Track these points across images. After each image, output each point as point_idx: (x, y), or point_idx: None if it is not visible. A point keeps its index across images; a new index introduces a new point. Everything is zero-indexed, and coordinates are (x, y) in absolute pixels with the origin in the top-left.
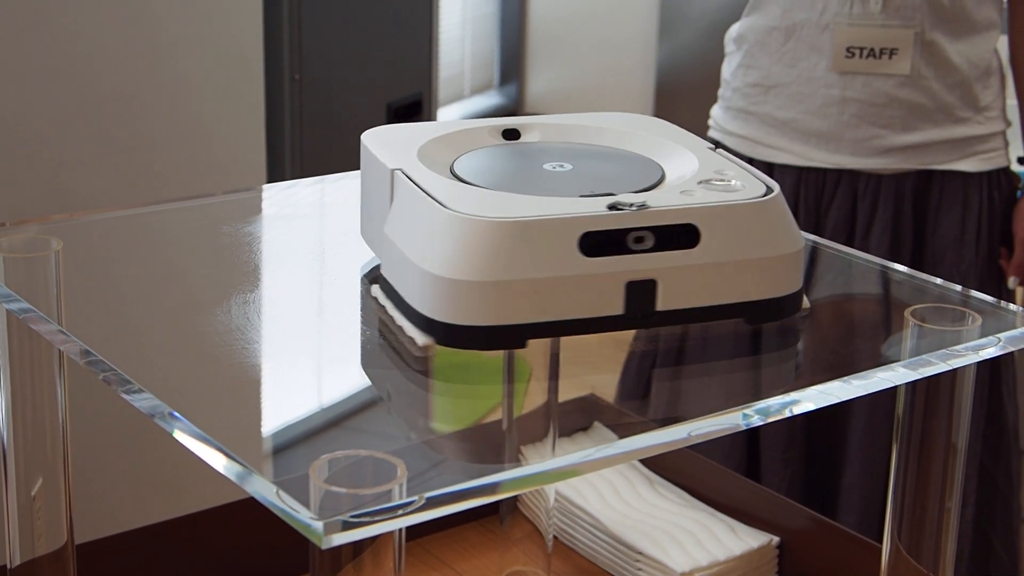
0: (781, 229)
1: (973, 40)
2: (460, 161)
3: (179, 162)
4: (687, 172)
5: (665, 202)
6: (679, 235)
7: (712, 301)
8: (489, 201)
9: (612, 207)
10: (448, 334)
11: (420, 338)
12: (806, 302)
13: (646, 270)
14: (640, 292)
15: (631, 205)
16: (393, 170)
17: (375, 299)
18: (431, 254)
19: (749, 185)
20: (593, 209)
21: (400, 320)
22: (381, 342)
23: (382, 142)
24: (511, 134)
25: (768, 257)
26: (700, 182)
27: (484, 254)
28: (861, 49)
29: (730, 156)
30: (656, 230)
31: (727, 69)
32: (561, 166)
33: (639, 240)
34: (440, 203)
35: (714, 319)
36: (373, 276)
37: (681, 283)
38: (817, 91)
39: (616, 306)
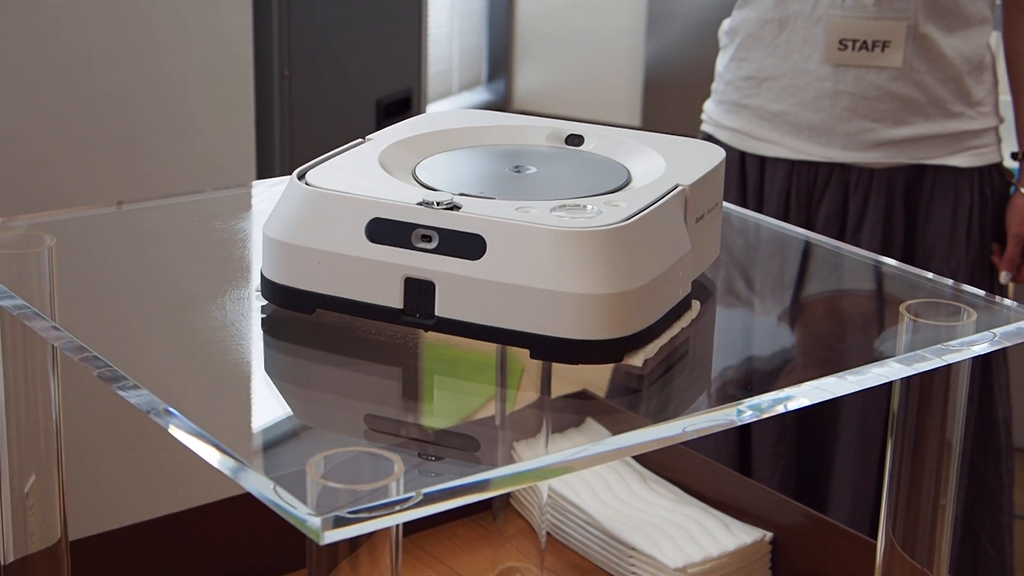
0: (591, 266)
1: (966, 34)
2: (435, 155)
3: (169, 158)
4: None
5: (484, 211)
6: (466, 244)
7: (493, 321)
8: (349, 179)
9: (422, 202)
10: (265, 290)
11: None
12: (638, 358)
13: (424, 270)
14: (418, 291)
15: (439, 203)
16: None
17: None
18: (272, 218)
19: (610, 215)
20: (403, 198)
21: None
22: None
23: (430, 123)
24: (573, 139)
25: (561, 292)
26: (569, 205)
27: (287, 217)
28: (854, 41)
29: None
30: (443, 232)
31: (720, 63)
32: (528, 169)
33: (425, 239)
34: (302, 179)
35: (497, 341)
36: None
37: (461, 293)
38: (810, 84)
39: (396, 299)
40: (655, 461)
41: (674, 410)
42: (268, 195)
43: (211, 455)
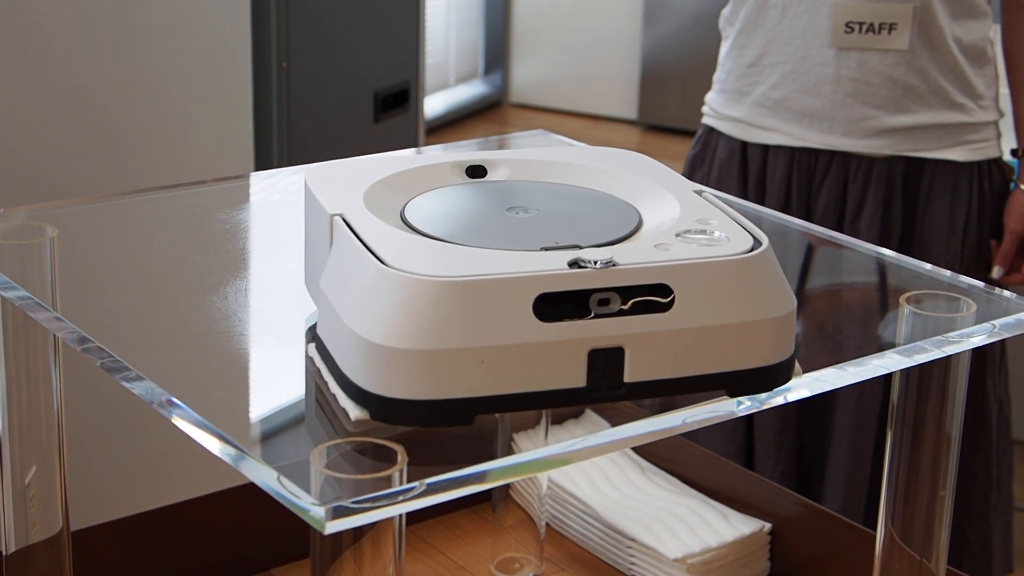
0: (769, 289)
1: (969, 24)
2: (412, 204)
3: (167, 150)
4: (666, 221)
5: (636, 258)
6: (650, 297)
7: (689, 371)
8: (433, 255)
9: (573, 263)
10: (384, 408)
11: (353, 411)
12: (798, 369)
13: (612, 336)
14: (605, 362)
15: (595, 262)
16: (333, 216)
17: (311, 359)
18: (365, 316)
19: (734, 237)
20: (551, 266)
21: (334, 388)
22: (317, 412)
23: (327, 180)
24: (476, 171)
25: (754, 321)
26: (679, 234)
27: (423, 319)
28: (860, 24)
29: (717, 201)
30: (623, 291)
31: (722, 51)
32: (525, 211)
33: (604, 303)
34: (378, 257)
35: (691, 391)
36: (312, 334)
37: (653, 351)
38: (811, 69)
39: (578, 377)
40: (654, 453)
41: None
42: (268, 187)
43: (214, 445)
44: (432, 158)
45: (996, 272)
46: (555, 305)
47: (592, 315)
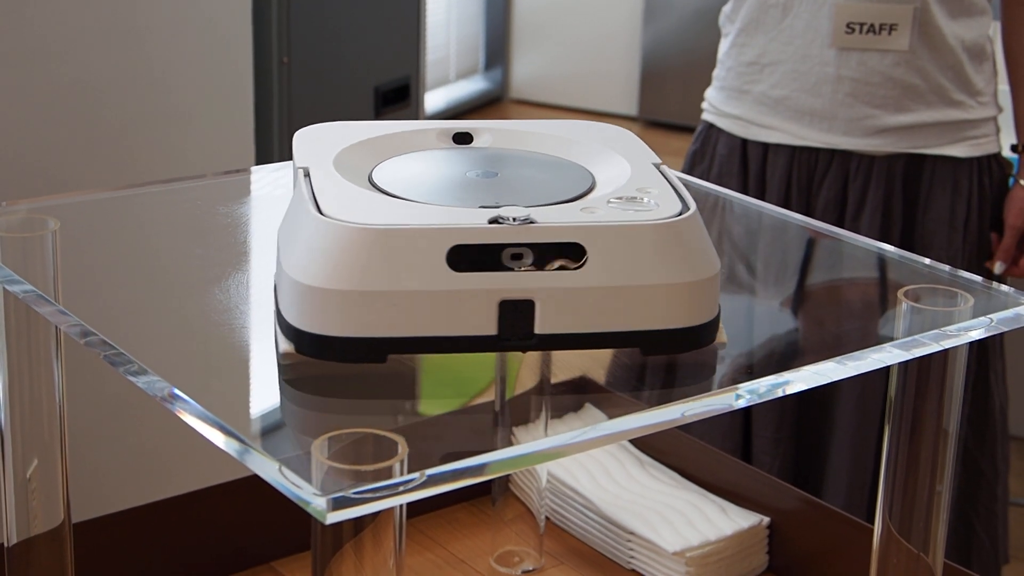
0: (685, 253)
1: (968, 22)
2: (383, 165)
3: (168, 146)
4: (616, 188)
5: (555, 218)
6: (565, 254)
7: (601, 327)
8: (366, 206)
9: (493, 220)
10: (308, 343)
11: (283, 345)
12: (723, 335)
13: (522, 289)
14: (516, 313)
15: (513, 219)
16: (298, 168)
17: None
18: (296, 257)
19: (664, 203)
20: (470, 221)
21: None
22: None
23: (312, 139)
24: (462, 138)
25: (667, 284)
26: (612, 199)
27: (343, 261)
28: (861, 24)
29: (670, 173)
30: (536, 247)
31: (721, 49)
32: (489, 175)
33: (517, 257)
34: (317, 204)
35: (603, 346)
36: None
37: (564, 306)
38: (812, 69)
39: (490, 326)
40: (653, 446)
41: (672, 394)
42: (269, 181)
43: (217, 437)
44: (420, 124)
45: (998, 267)
46: (469, 257)
47: (505, 269)
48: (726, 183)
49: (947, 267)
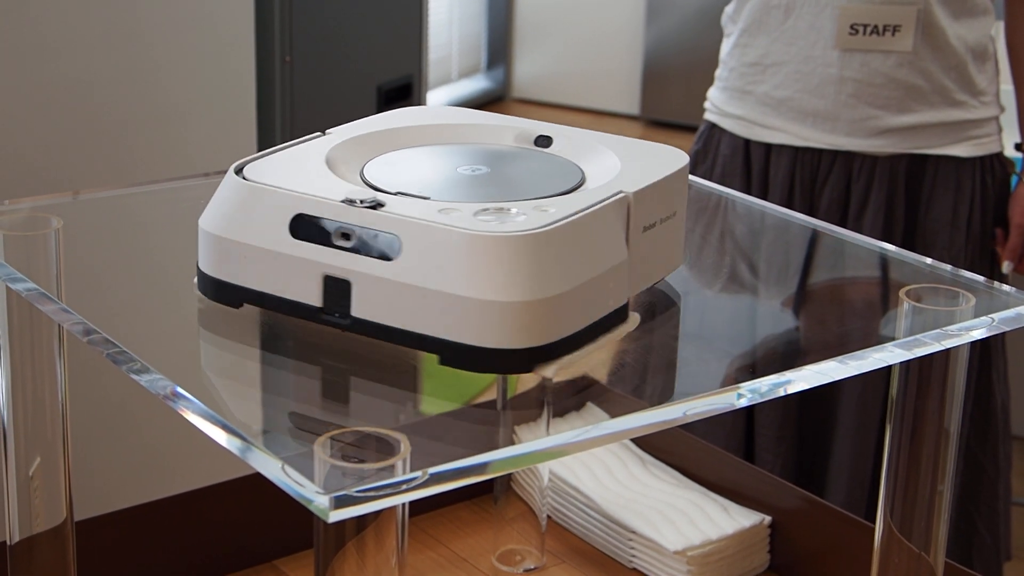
0: (502, 272)
1: (971, 23)
2: (389, 153)
3: (170, 145)
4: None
5: (400, 210)
6: (382, 244)
7: (407, 326)
8: (280, 171)
9: (346, 199)
10: (200, 282)
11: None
12: (550, 370)
13: (340, 268)
14: (336, 289)
15: (361, 201)
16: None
17: None
18: (208, 209)
19: (534, 220)
20: (329, 195)
21: None
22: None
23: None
24: (543, 141)
25: (472, 298)
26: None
27: (220, 210)
28: (865, 26)
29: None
30: (361, 231)
31: (724, 49)
32: (479, 169)
33: (345, 236)
34: (242, 169)
35: (410, 346)
36: None
37: (376, 294)
38: (815, 70)
39: (315, 298)
40: (655, 445)
41: (674, 394)
42: None
43: (219, 435)
44: (504, 120)
45: (1006, 267)
46: (308, 228)
47: (331, 246)
48: (729, 183)
49: (949, 267)
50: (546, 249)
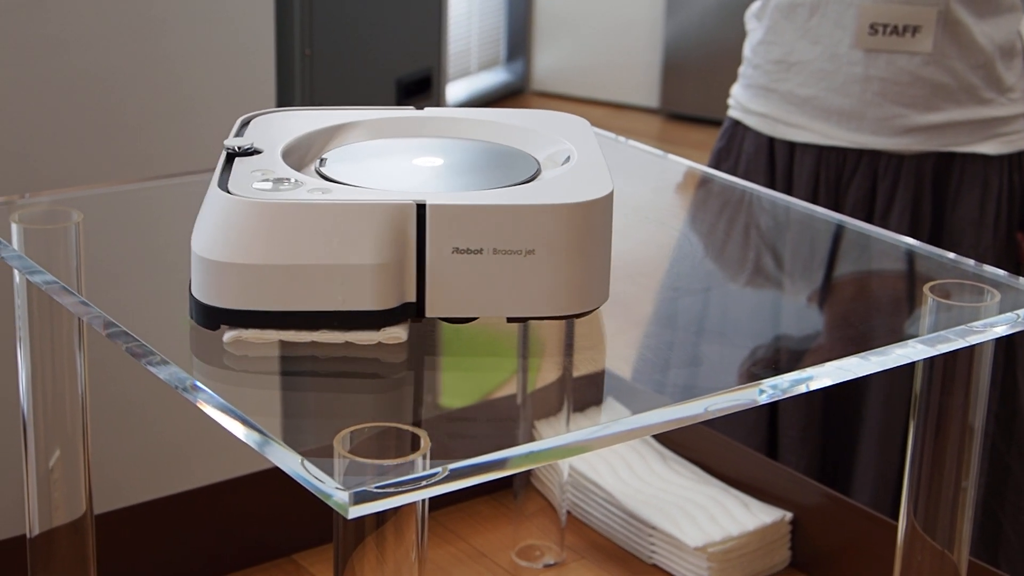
0: (231, 234)
1: (996, 20)
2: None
3: (190, 138)
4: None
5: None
6: None
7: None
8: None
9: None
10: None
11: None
12: (228, 334)
13: None
14: None
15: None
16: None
17: None
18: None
19: (289, 193)
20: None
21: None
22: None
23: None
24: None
25: (198, 256)
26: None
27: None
28: (884, 26)
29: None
30: None
31: (748, 46)
32: (434, 161)
33: None
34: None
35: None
36: None
37: None
38: (840, 68)
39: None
40: (675, 441)
41: (696, 389)
42: None
43: (239, 430)
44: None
45: None
46: None
47: None
48: (753, 181)
49: (973, 262)
50: (277, 221)
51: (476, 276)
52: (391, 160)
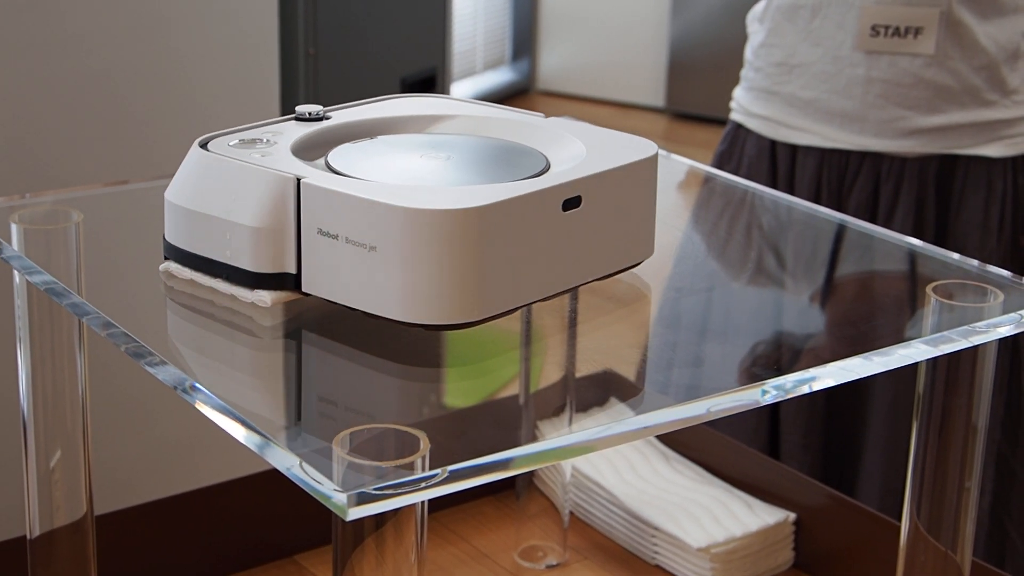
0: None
1: (1001, 22)
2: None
3: (193, 137)
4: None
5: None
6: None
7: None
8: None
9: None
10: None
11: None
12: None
13: None
14: None
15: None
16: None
17: None
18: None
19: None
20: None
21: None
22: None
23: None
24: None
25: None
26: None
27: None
28: (886, 27)
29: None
30: None
31: (749, 49)
32: (442, 157)
33: None
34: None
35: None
36: None
37: None
38: (842, 71)
39: None
40: (678, 441)
41: (699, 390)
42: None
43: (237, 431)
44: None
45: None
46: None
47: None
48: (756, 181)
49: (976, 262)
50: (204, 171)
51: (334, 261)
52: (406, 152)
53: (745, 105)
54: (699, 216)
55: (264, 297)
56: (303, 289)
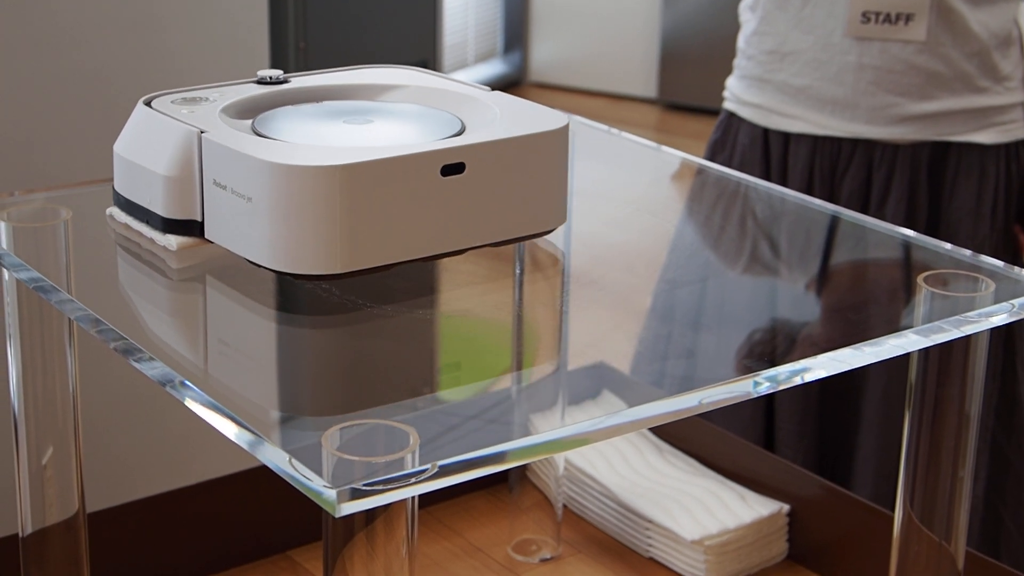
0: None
1: (992, 9)
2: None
3: None
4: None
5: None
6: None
7: None
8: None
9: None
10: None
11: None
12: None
13: None
14: None
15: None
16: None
17: None
18: None
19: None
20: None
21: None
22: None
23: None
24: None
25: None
26: None
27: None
28: (876, 14)
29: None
30: None
31: (742, 38)
32: (363, 121)
33: None
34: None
35: None
36: None
37: None
38: (833, 58)
39: None
40: (672, 433)
41: (691, 381)
42: None
43: (227, 428)
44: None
45: None
46: None
47: None
48: (748, 172)
49: (968, 252)
50: (138, 125)
51: (225, 211)
52: (332, 117)
53: (738, 94)
54: (692, 207)
55: (171, 241)
56: (206, 236)
